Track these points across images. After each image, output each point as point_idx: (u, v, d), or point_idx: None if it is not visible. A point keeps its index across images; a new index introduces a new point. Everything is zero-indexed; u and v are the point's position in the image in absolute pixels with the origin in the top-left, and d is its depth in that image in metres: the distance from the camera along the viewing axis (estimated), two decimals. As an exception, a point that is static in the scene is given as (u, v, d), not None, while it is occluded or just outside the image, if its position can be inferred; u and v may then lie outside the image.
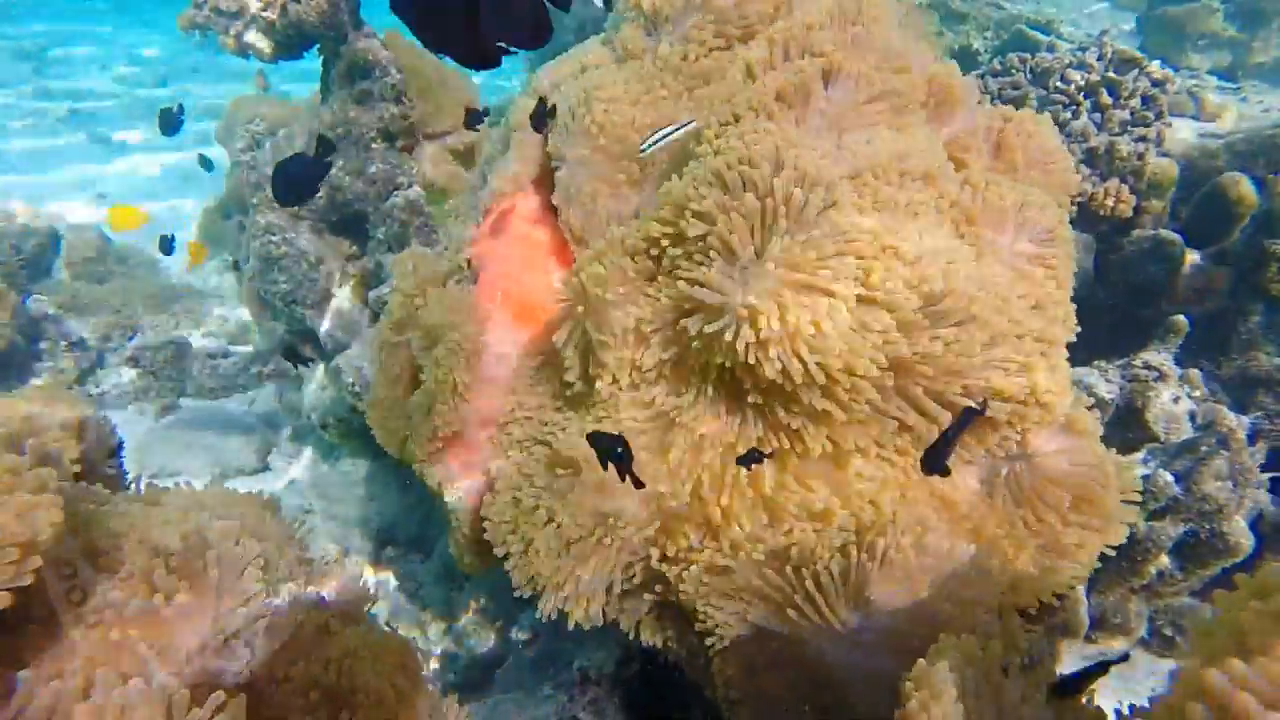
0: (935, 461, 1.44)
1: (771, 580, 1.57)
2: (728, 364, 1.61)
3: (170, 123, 4.30)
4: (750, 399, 1.64)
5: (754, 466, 1.62)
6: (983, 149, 2.01)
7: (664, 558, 1.70)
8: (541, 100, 2.10)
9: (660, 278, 1.76)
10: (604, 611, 1.79)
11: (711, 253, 1.60)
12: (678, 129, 1.62)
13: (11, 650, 1.14)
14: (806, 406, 1.59)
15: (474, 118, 2.81)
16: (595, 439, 1.51)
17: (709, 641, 1.68)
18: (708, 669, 1.74)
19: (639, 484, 1.51)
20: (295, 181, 2.24)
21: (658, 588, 1.76)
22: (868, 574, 1.46)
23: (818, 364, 1.51)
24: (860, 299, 1.55)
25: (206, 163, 5.12)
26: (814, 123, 1.74)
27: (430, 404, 2.07)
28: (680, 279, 1.65)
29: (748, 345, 1.53)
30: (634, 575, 1.76)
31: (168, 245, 4.38)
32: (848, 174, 1.66)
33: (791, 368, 1.52)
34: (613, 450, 1.47)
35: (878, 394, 1.57)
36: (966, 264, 1.65)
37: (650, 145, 1.64)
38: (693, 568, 1.67)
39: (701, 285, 1.60)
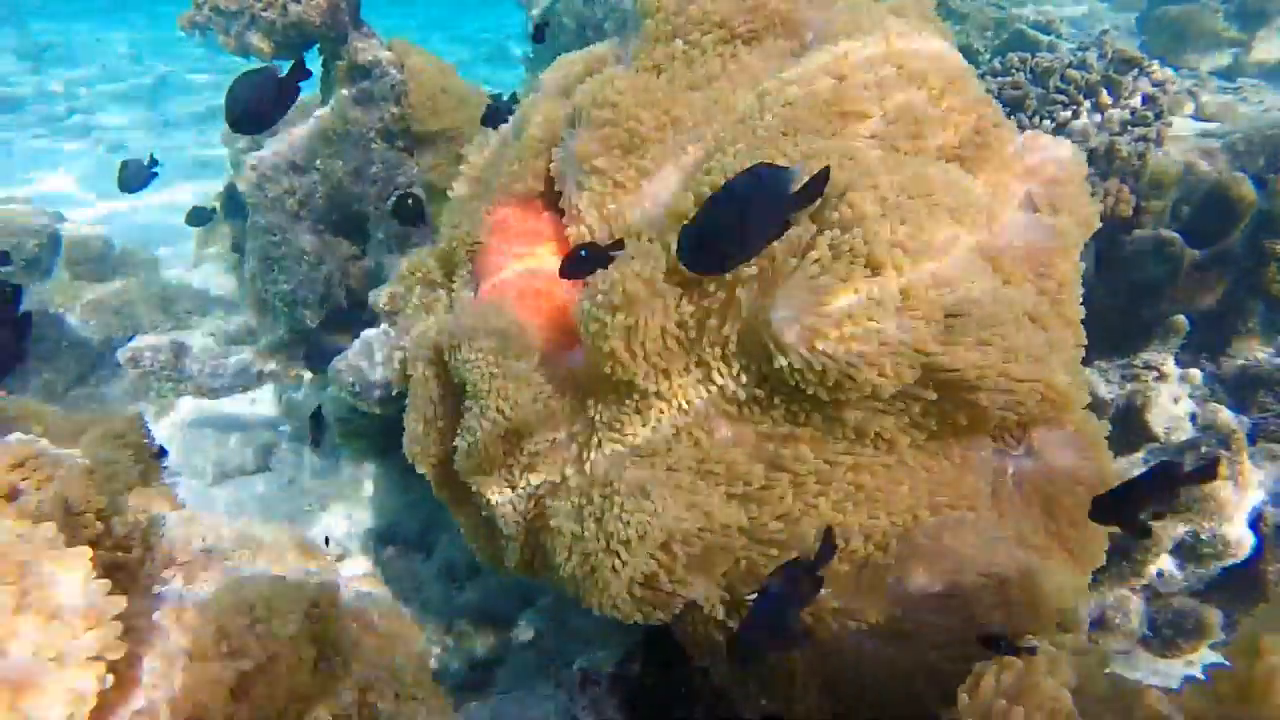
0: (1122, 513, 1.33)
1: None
2: (760, 364, 1.59)
3: (137, 177, 3.68)
4: (779, 398, 1.63)
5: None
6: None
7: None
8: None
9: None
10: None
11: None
12: None
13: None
14: (836, 403, 1.59)
15: (497, 115, 2.68)
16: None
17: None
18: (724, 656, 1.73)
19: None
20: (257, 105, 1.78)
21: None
22: (903, 564, 1.46)
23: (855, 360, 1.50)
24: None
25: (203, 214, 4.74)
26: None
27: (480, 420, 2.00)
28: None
29: (789, 347, 1.52)
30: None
31: (202, 216, 4.43)
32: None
33: (830, 368, 1.51)
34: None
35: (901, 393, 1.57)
36: (985, 272, 1.63)
37: None
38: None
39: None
